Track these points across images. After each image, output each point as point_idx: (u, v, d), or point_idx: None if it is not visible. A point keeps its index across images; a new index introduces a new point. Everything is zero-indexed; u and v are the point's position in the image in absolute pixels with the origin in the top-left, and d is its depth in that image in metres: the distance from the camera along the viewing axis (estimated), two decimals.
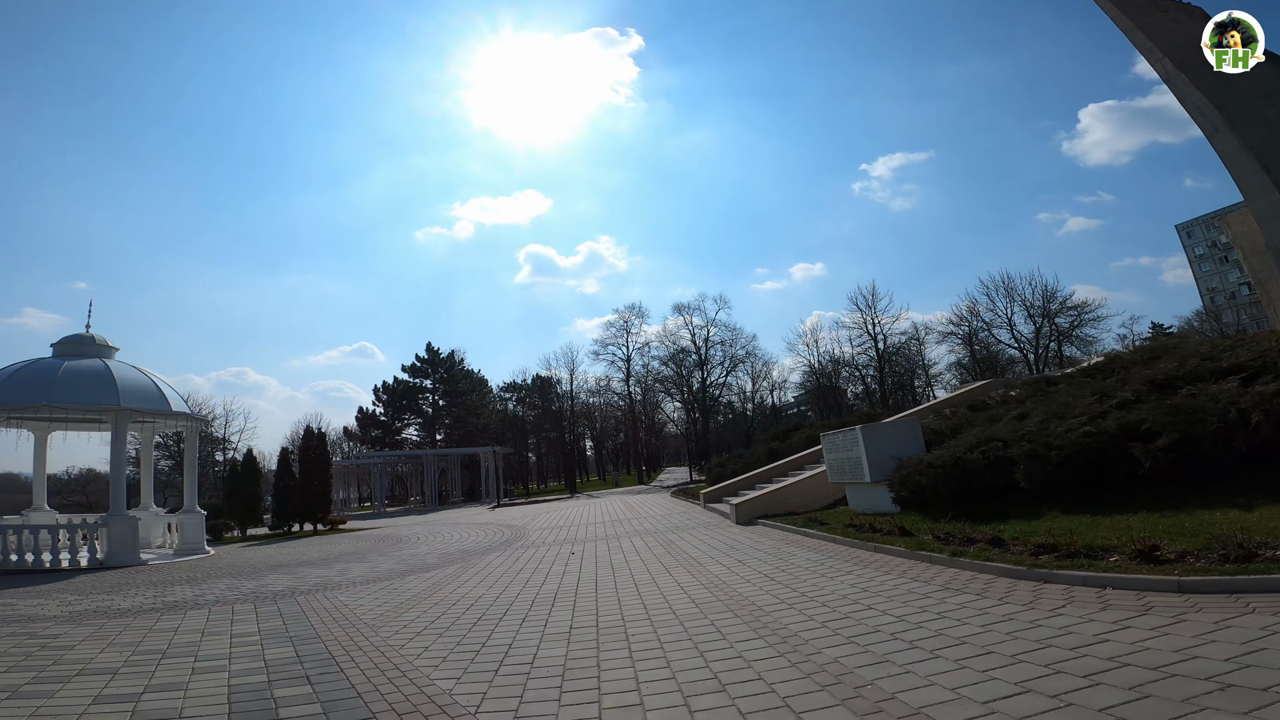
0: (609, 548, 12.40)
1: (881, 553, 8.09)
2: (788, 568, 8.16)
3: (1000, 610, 5.06)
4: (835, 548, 9.20)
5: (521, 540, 15.54)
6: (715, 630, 5.48)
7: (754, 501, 14.53)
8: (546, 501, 39.23)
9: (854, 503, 12.17)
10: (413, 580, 10.35)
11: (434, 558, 13.47)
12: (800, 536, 10.81)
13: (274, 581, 11.53)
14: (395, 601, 8.48)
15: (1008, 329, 58.69)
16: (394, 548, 16.50)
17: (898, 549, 7.77)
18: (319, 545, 19.45)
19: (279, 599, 9.37)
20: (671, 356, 55.10)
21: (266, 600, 9.31)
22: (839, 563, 8.05)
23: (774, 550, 9.77)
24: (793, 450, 22.09)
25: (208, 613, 8.47)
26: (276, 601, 9.15)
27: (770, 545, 10.35)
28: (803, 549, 9.55)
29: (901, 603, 5.68)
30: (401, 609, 7.88)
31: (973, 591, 5.74)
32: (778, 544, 10.39)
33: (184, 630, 7.36)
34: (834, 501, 14.29)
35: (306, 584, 10.90)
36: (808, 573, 7.68)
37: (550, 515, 24.10)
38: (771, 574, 7.87)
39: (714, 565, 8.97)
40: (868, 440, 11.07)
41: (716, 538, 12.21)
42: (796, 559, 8.75)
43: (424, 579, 10.40)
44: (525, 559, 11.87)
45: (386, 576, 11.08)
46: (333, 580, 11.10)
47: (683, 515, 18.04)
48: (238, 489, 25.79)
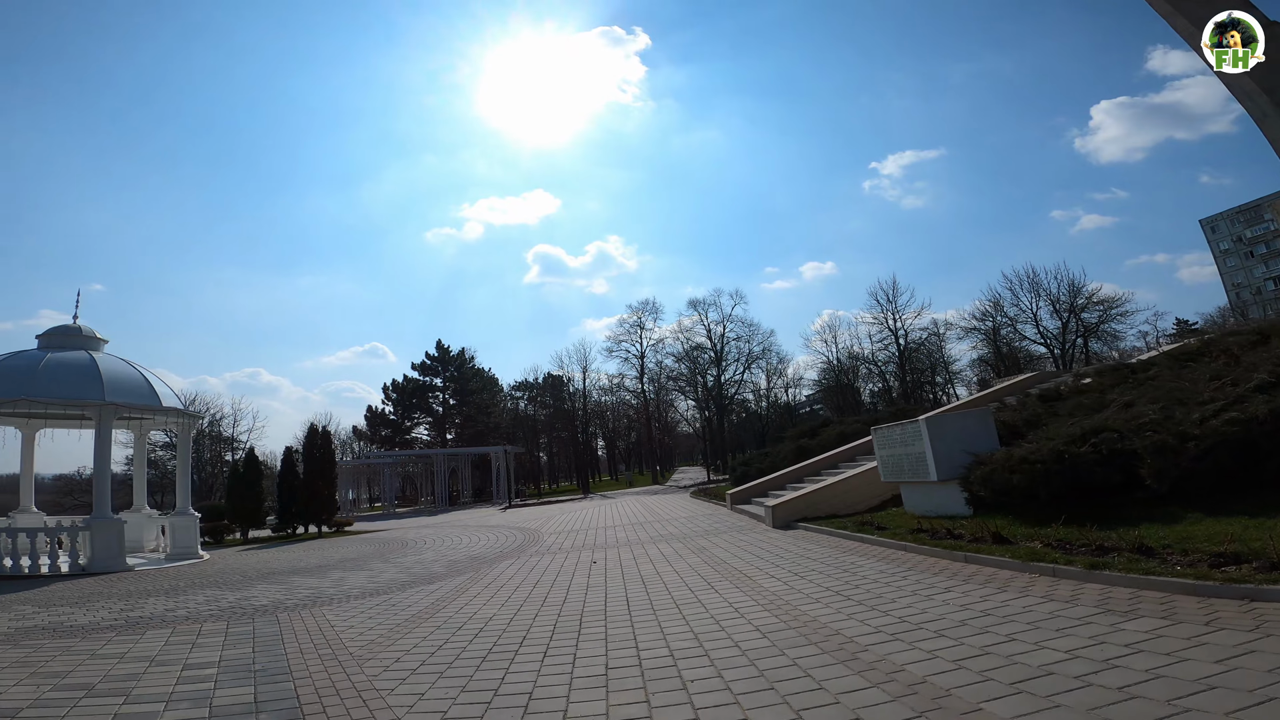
0: (634, 555, 11.04)
1: (976, 563, 6.69)
2: (859, 582, 6.77)
3: (1225, 640, 3.63)
4: (909, 557, 7.78)
5: (535, 546, 14.22)
6: (804, 674, 4.10)
7: (792, 503, 13.12)
8: (559, 502, 37.92)
9: (911, 504, 10.74)
10: (415, 594, 9.05)
11: (441, 566, 12.18)
12: (856, 543, 9.40)
13: (260, 593, 10.28)
14: (392, 623, 7.17)
15: (1033, 324, 56.72)
16: (399, 553, 15.23)
17: (1001, 559, 6.37)
18: (320, 549, 18.24)
19: (258, 616, 8.10)
20: (686, 353, 53.64)
21: (244, 618, 8.03)
22: (924, 576, 6.64)
23: (831, 560, 8.37)
24: (823, 448, 20.64)
25: (169, 633, 7.20)
26: (254, 620, 7.87)
27: (824, 554, 8.95)
28: (866, 558, 8.15)
29: (1057, 632, 4.28)
30: (398, 633, 6.57)
31: (1154, 615, 4.30)
32: (832, 552, 8.99)
33: (131, 658, 6.08)
34: (881, 503, 12.88)
35: (295, 597, 9.63)
36: (890, 589, 6.28)
37: (564, 517, 22.79)
38: (843, 591, 6.48)
39: (765, 579, 7.59)
40: (933, 434, 9.65)
41: (756, 544, 10.83)
42: (865, 571, 7.35)
43: (427, 593, 9.09)
44: (541, 569, 10.54)
45: (386, 589, 9.79)
46: (325, 593, 9.82)
47: (709, 518, 16.65)
48: (239, 490, 24.66)
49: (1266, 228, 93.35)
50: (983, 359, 60.66)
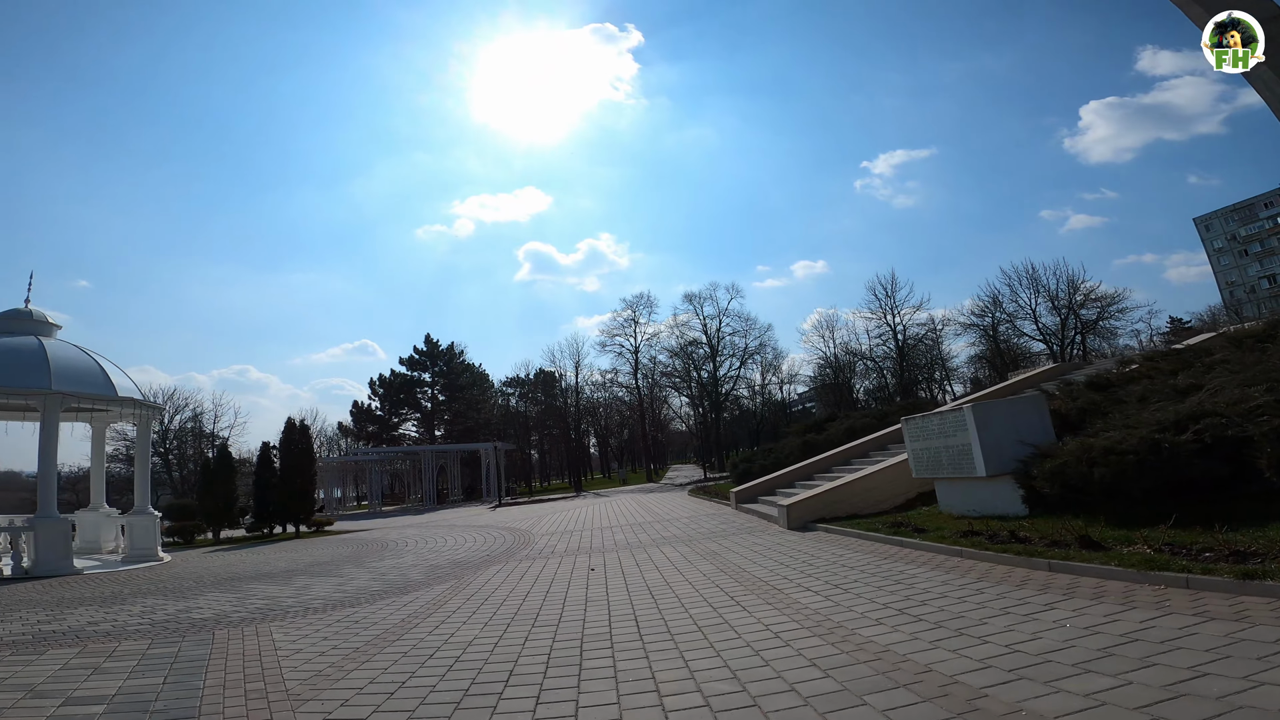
0: (636, 561, 9.80)
1: (1067, 572, 5.50)
2: (922, 597, 5.55)
3: None
4: (969, 565, 6.57)
5: (526, 548, 12.95)
6: None
7: (808, 502, 11.92)
8: (551, 500, 36.61)
9: (949, 502, 9.56)
10: (384, 608, 7.77)
11: (419, 572, 10.90)
12: (894, 547, 8.19)
13: (208, 603, 8.96)
14: (350, 646, 5.90)
15: (1032, 320, 55.93)
16: (376, 556, 13.92)
17: (1104, 567, 5.18)
18: (292, 551, 16.88)
19: (191, 634, 6.80)
20: (681, 349, 52.36)
21: (173, 635, 6.73)
22: (1004, 589, 5.42)
23: (871, 568, 7.15)
24: (830, 444, 19.49)
25: (74, 654, 5.88)
26: (184, 638, 6.57)
27: (859, 560, 7.74)
28: (914, 566, 6.94)
29: (1259, 660, 3.09)
30: (353, 661, 5.29)
31: None
32: (869, 558, 7.77)
33: (6, 686, 4.78)
34: (906, 501, 11.73)
35: (246, 609, 8.33)
36: (968, 606, 5.07)
37: (557, 516, 21.51)
38: (905, 608, 5.27)
39: (799, 592, 6.37)
40: (981, 423, 8.46)
41: (774, 548, 9.61)
42: (921, 582, 6.14)
43: (399, 606, 7.81)
44: (532, 576, 9.28)
45: (353, 600, 8.50)
46: (282, 604, 8.52)
47: (713, 518, 15.43)
48: (210, 487, 23.23)
49: (1261, 226, 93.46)
50: (982, 356, 59.92)
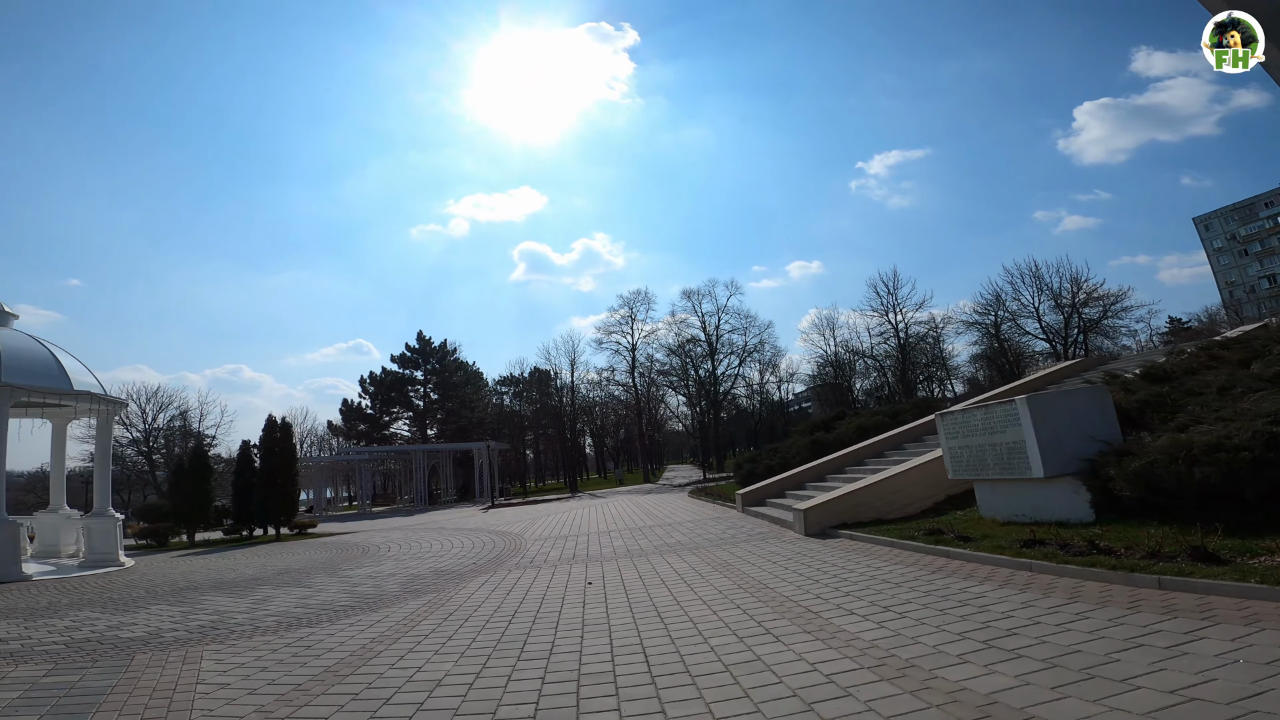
0: (639, 573, 8.70)
1: (1188, 591, 4.44)
2: (1004, 624, 4.45)
3: None
4: (1051, 581, 5.45)
5: (516, 556, 11.83)
6: None
7: (827, 506, 10.84)
8: (546, 502, 35.43)
9: (992, 506, 8.49)
10: (346, 629, 6.65)
11: (396, 582, 9.78)
12: (940, 558, 7.09)
13: (148, 618, 7.84)
14: (289, 682, 4.79)
15: (1035, 319, 54.98)
16: (353, 563, 12.78)
17: (1242, 585, 4.13)
18: (266, 556, 15.72)
19: (108, 657, 5.70)
20: (680, 346, 51.23)
21: (85, 659, 5.61)
22: (1117, 614, 4.31)
23: (922, 585, 6.05)
24: (840, 443, 18.43)
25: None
26: (96, 663, 5.49)
27: (901, 574, 6.64)
28: (975, 582, 5.83)
29: None
30: (287, 705, 4.19)
31: None
32: (913, 572, 6.68)
33: None
34: (934, 505, 10.68)
35: (187, 626, 7.22)
36: (1077, 636, 3.97)
37: (551, 519, 20.39)
38: (992, 639, 4.17)
39: (843, 617, 5.27)
40: (1037, 417, 7.38)
41: (794, 559, 8.53)
42: (993, 604, 5.03)
43: (364, 627, 6.69)
44: (521, 591, 8.17)
45: (314, 617, 7.38)
46: (232, 620, 7.40)
47: (719, 522, 14.34)
48: (184, 487, 22.01)
49: (1261, 226, 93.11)
50: (983, 355, 59.06)
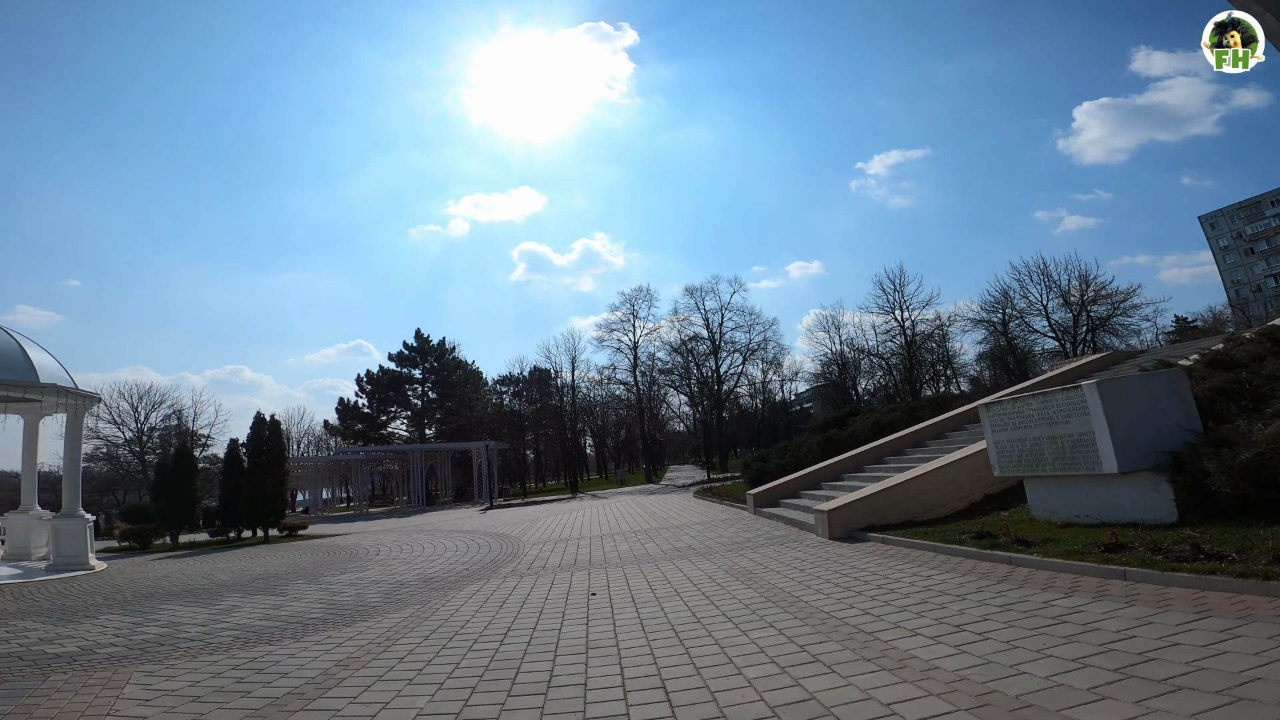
0: (649, 582, 7.75)
1: None
2: (1135, 646, 3.49)
3: None
4: (1158, 593, 4.47)
5: (513, 560, 10.89)
6: None
7: (852, 507, 9.89)
8: (546, 503, 34.41)
9: (1048, 506, 7.54)
10: (311, 649, 5.71)
11: (379, 591, 8.84)
12: (1000, 566, 6.12)
13: (88, 630, 6.93)
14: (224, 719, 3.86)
15: (1044, 316, 53.94)
16: (337, 569, 11.84)
17: None
18: (248, 560, 14.77)
19: (18, 677, 4.78)
20: (682, 344, 50.19)
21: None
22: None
23: (991, 598, 5.09)
24: (855, 440, 17.48)
25: None
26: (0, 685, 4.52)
27: (960, 585, 5.68)
28: (1058, 593, 4.87)
29: None
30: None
31: None
32: (973, 581, 5.72)
33: None
34: (971, 505, 9.76)
35: (130, 640, 6.34)
36: (1271, 664, 3.02)
37: (551, 520, 19.44)
38: (1130, 669, 3.20)
39: (911, 641, 4.31)
40: (1111, 404, 6.44)
41: (824, 566, 7.58)
42: (1105, 622, 4.07)
43: (332, 646, 5.75)
44: (516, 602, 7.23)
45: (277, 632, 6.44)
46: (182, 634, 6.48)
47: (730, 524, 13.40)
48: (169, 488, 21.08)
49: (1267, 224, 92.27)
50: (989, 354, 58.09)
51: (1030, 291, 53.39)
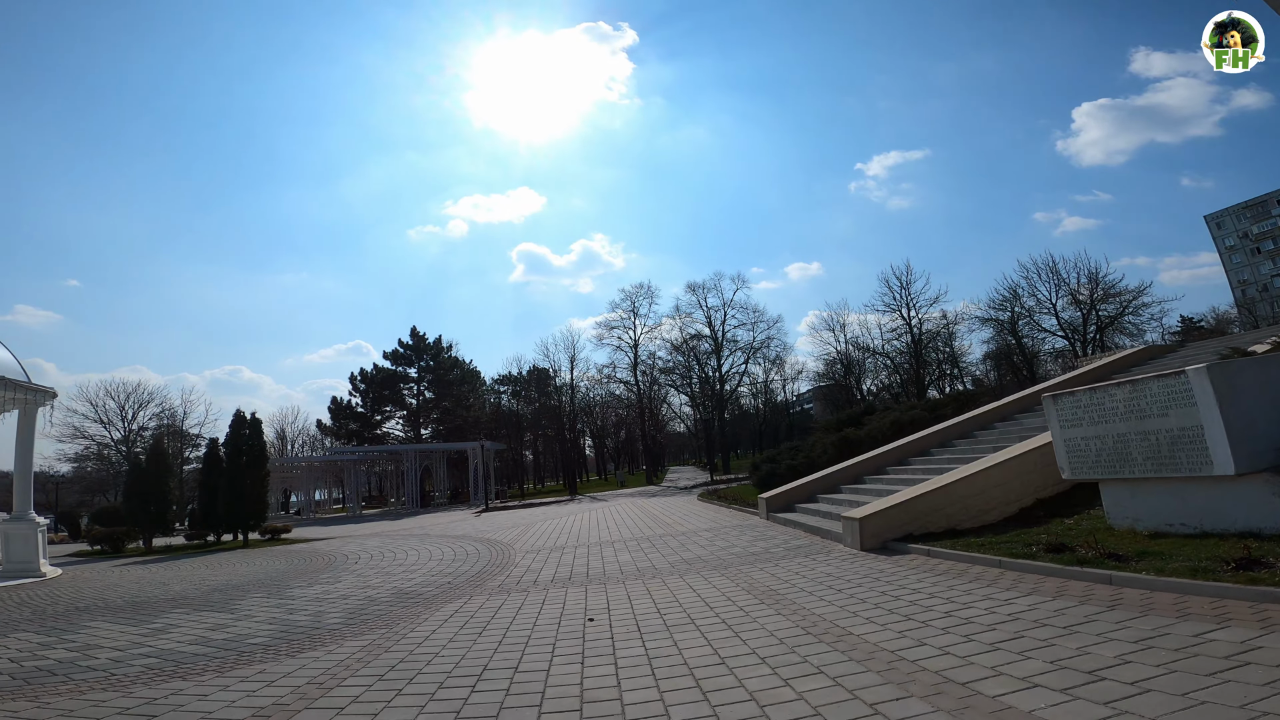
0: (656, 602, 6.55)
1: None
2: None
3: None
4: None
5: (501, 572, 9.68)
6: None
7: (887, 514, 8.68)
8: (543, 505, 33.11)
9: (1133, 512, 6.35)
10: (232, 688, 4.50)
11: (343, 609, 7.64)
12: (1099, 587, 4.91)
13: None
14: None
15: (1053, 315, 52.66)
16: (308, 578, 10.64)
17: None
18: (215, 568, 13.56)
19: None
20: (685, 341, 48.87)
21: None
22: None
23: (1110, 629, 3.88)
24: (875, 440, 16.28)
25: None
26: None
27: (1056, 611, 4.46)
28: (1214, 625, 3.68)
29: None
30: None
31: None
32: (1069, 605, 4.50)
33: None
34: (1022, 511, 8.60)
35: (21, 669, 5.14)
36: None
37: (548, 525, 18.22)
38: None
39: (1025, 694, 3.10)
40: (1224, 394, 5.26)
41: (866, 585, 6.37)
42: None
43: (260, 685, 4.54)
44: (498, 629, 6.02)
45: (203, 663, 5.22)
46: (88, 661, 5.26)
47: (741, 531, 12.20)
48: (141, 490, 19.87)
49: (1274, 224, 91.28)
50: (998, 352, 56.89)
51: (1039, 289, 52.15)
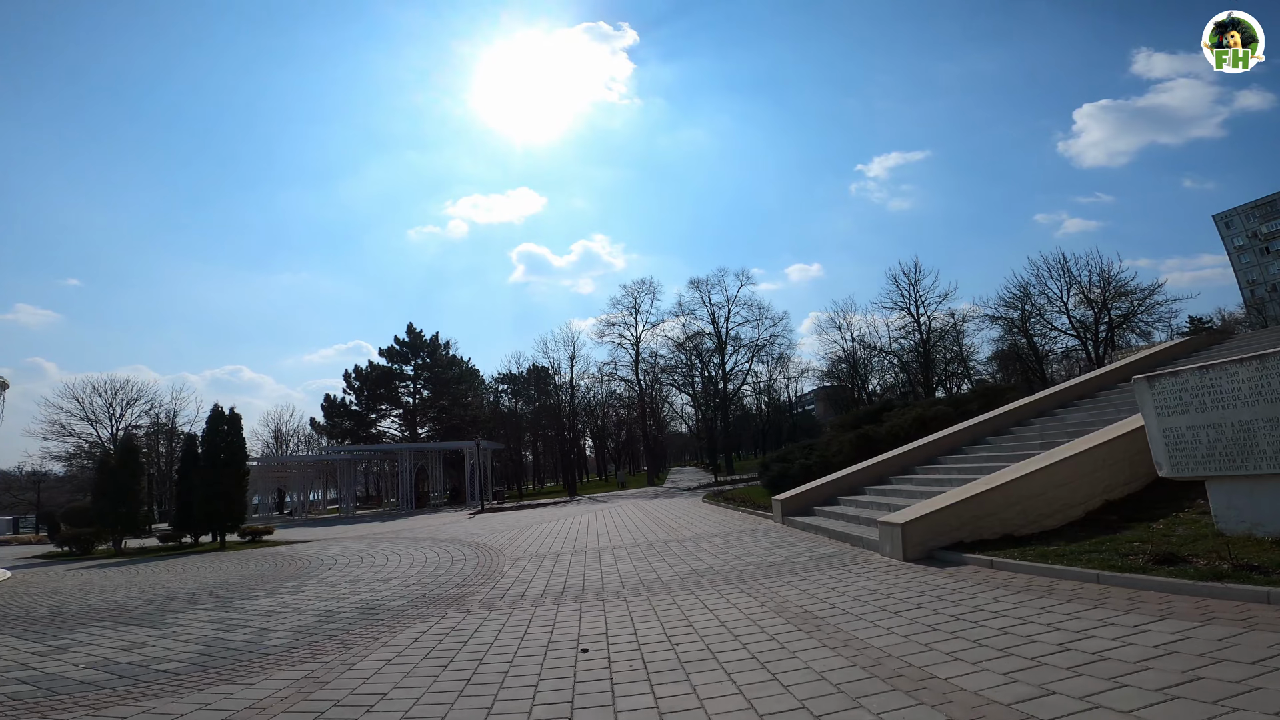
0: (664, 627, 5.33)
1: None
2: None
3: None
4: None
5: (486, 583, 8.46)
6: None
7: (932, 519, 7.44)
8: (541, 506, 31.79)
9: (1251, 515, 5.16)
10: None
11: (291, 629, 6.43)
12: (1255, 604, 3.70)
13: None
14: None
15: (1064, 313, 51.23)
16: (269, 587, 9.42)
17: None
18: (174, 573, 12.35)
19: None
20: (688, 338, 47.53)
21: None
22: None
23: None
24: (897, 437, 15.05)
25: None
26: None
27: (1225, 643, 3.25)
28: None
29: None
30: None
31: None
32: (1245, 634, 3.29)
33: None
34: (1088, 514, 7.45)
35: None
36: None
37: (543, 528, 17.00)
38: None
39: None
40: None
41: (927, 605, 5.13)
42: None
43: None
44: (467, 662, 4.80)
45: (73, 696, 4.00)
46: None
47: (755, 536, 10.97)
48: (109, 488, 18.65)
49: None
50: (1006, 352, 55.62)
51: (1050, 287, 50.79)
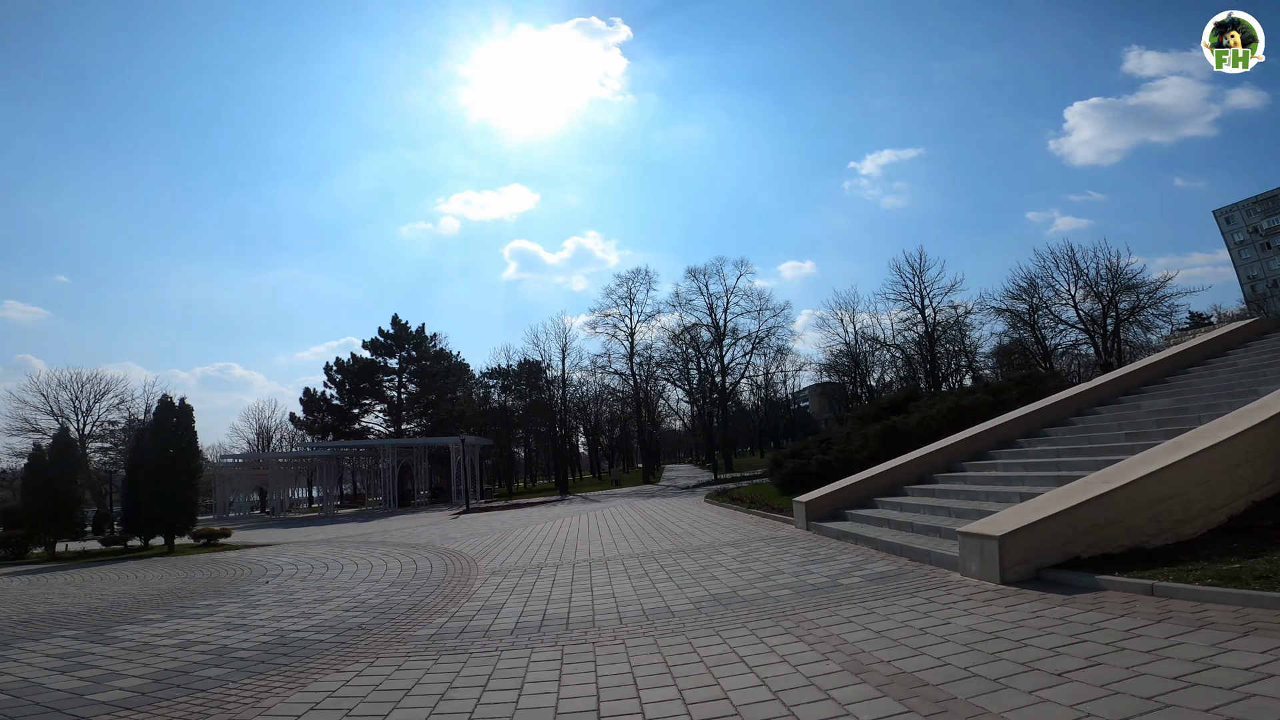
0: (686, 700, 3.43)
1: None
2: None
3: None
4: None
5: (449, 605, 6.57)
6: None
7: (1038, 529, 5.58)
8: (530, 505, 29.59)
9: None
10: None
11: (150, 675, 4.50)
12: None
13: None
14: None
15: (1072, 307, 49.54)
16: (187, 602, 7.49)
17: None
18: (92, 583, 10.40)
19: None
20: (684, 331, 45.68)
21: None
22: None
23: None
24: (928, 430, 13.21)
25: None
26: None
27: None
28: None
29: None
30: None
31: None
32: None
33: None
34: (1231, 519, 5.74)
35: None
36: None
37: (529, 532, 15.11)
38: None
39: None
40: None
41: (1096, 652, 3.27)
42: None
43: None
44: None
45: None
46: None
47: (775, 547, 9.13)
48: (39, 486, 16.62)
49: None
50: (1012, 346, 54.05)
51: (1057, 280, 49.11)
